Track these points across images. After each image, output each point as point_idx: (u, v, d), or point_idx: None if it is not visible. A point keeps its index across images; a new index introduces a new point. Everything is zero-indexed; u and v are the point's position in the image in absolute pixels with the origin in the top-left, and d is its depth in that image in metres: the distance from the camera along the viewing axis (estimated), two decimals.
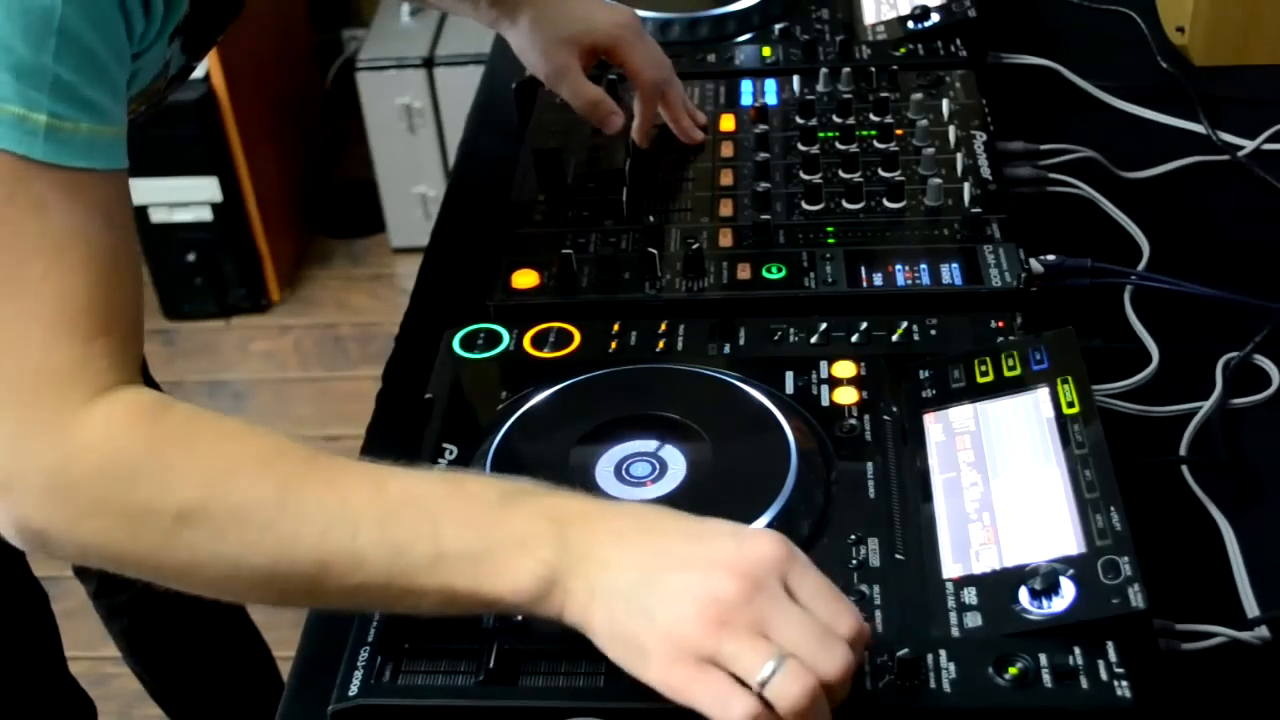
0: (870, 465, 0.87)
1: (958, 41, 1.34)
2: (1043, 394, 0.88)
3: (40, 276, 0.73)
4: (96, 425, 0.73)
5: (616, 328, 1.01)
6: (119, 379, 0.75)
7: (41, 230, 0.73)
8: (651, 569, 0.70)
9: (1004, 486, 0.83)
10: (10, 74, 0.72)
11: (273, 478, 0.73)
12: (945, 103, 1.23)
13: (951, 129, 1.20)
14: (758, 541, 0.71)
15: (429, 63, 2.74)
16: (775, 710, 0.66)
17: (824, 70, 1.28)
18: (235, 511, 0.72)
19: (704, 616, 0.68)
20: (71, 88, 0.74)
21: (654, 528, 0.73)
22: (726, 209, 1.14)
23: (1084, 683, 0.71)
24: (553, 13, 1.20)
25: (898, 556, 0.81)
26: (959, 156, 1.16)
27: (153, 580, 0.76)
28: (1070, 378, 0.88)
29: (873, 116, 1.23)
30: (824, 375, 0.94)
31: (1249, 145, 1.28)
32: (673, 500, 0.84)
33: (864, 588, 0.79)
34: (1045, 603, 0.75)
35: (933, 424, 0.89)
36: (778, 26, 1.39)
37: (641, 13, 1.31)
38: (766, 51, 1.36)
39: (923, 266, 1.04)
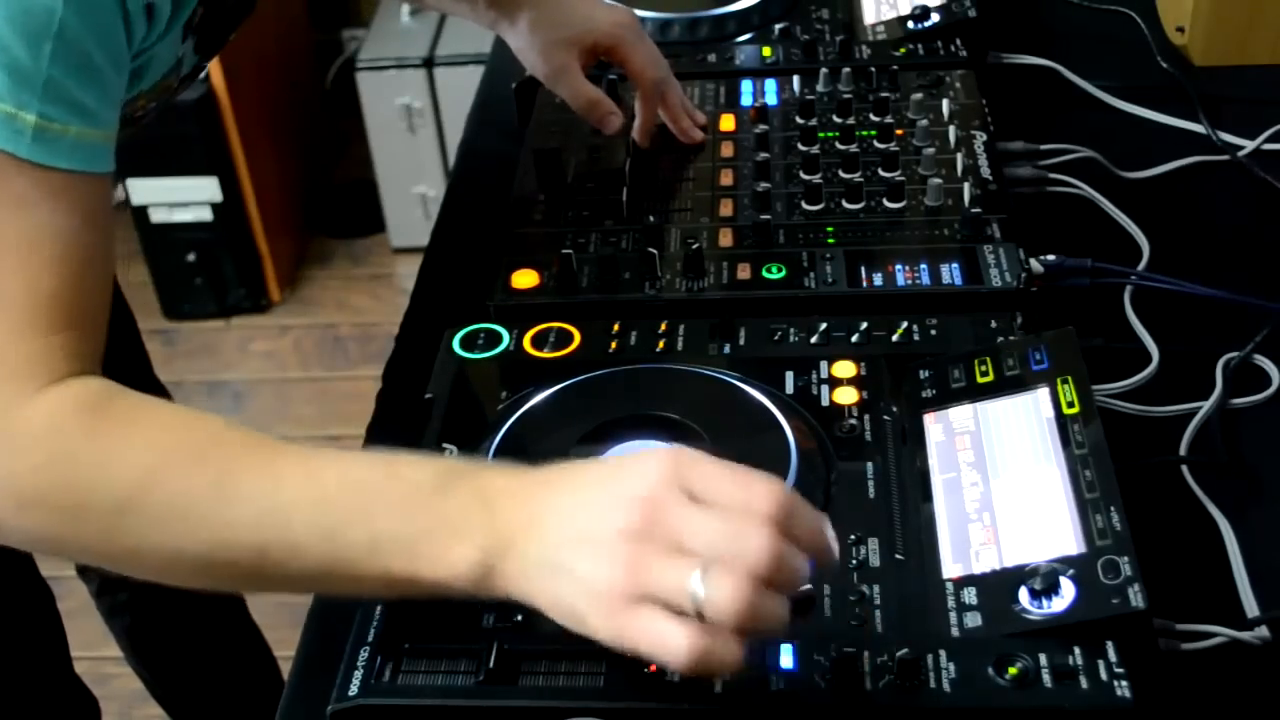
0: (870, 465, 0.87)
1: (958, 41, 1.34)
2: (1043, 394, 0.88)
3: (11, 272, 0.75)
4: (41, 416, 0.74)
5: (616, 328, 1.01)
6: (77, 369, 0.76)
7: (19, 227, 0.75)
8: (567, 530, 0.68)
9: (1004, 486, 0.83)
10: (4, 73, 0.73)
11: (209, 467, 0.73)
12: (945, 103, 1.23)
13: (951, 129, 1.20)
14: (641, 461, 0.69)
15: (429, 63, 2.74)
16: (719, 621, 0.64)
17: (824, 70, 1.28)
18: (171, 502, 0.73)
19: (615, 555, 0.66)
20: (63, 90, 0.75)
21: (564, 487, 0.71)
22: (726, 209, 1.14)
23: (1084, 683, 0.71)
24: (552, 13, 1.20)
25: (898, 556, 0.81)
26: (959, 156, 1.16)
27: (102, 566, 0.78)
28: (1070, 378, 0.88)
29: (873, 116, 1.23)
30: (824, 375, 0.94)
31: (1249, 145, 1.28)
32: None
33: (864, 588, 0.79)
34: (1045, 603, 0.75)
35: (933, 424, 0.89)
36: (778, 26, 1.39)
37: (641, 13, 1.31)
38: (766, 51, 1.36)
39: (923, 266, 1.04)
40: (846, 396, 0.92)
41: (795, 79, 1.29)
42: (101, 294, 0.79)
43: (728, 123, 1.25)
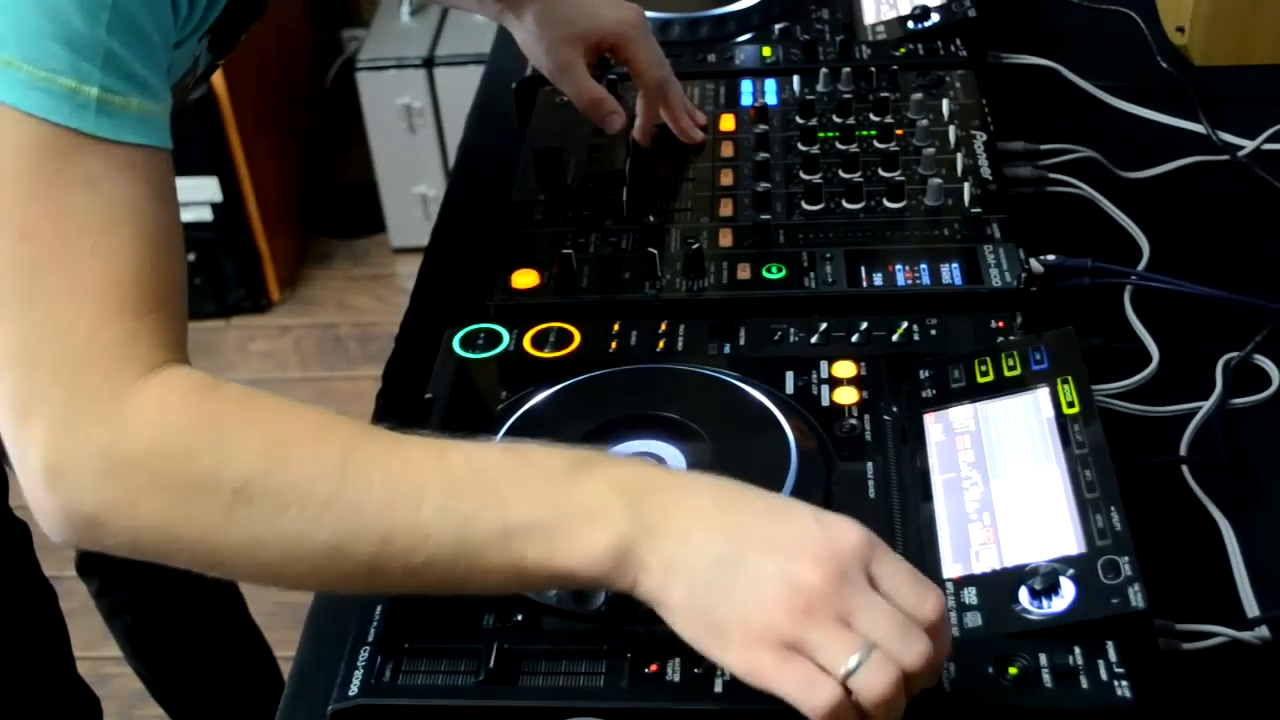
0: (870, 465, 0.87)
1: (958, 41, 1.34)
2: (1043, 394, 0.88)
3: (90, 252, 0.72)
4: (149, 402, 0.71)
5: (616, 328, 1.01)
6: (168, 357, 0.73)
7: (91, 206, 0.72)
8: (733, 548, 0.67)
9: (1004, 486, 0.83)
10: (63, 45, 0.71)
11: (332, 450, 0.71)
12: (945, 103, 1.23)
13: (951, 129, 1.20)
14: (842, 528, 0.69)
15: (429, 63, 2.74)
16: (857, 700, 0.65)
17: (824, 70, 1.28)
18: (295, 484, 0.70)
19: (790, 604, 0.66)
20: (123, 62, 0.73)
21: (732, 503, 0.70)
22: (726, 209, 1.14)
23: (1084, 683, 0.71)
24: (559, 8, 1.20)
25: None
26: (959, 156, 1.16)
27: (209, 568, 0.74)
28: (1070, 378, 0.88)
29: (873, 116, 1.23)
30: (824, 375, 0.94)
31: (1249, 145, 1.28)
32: None
33: None
34: (1045, 603, 0.75)
35: (933, 424, 0.89)
36: (778, 26, 1.39)
37: None
38: (766, 51, 1.36)
39: (923, 266, 1.04)
40: (846, 396, 0.92)
41: (795, 79, 1.29)
42: (180, 275, 0.76)
43: (728, 123, 1.25)
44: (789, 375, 0.94)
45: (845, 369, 0.94)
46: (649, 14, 1.36)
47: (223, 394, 0.74)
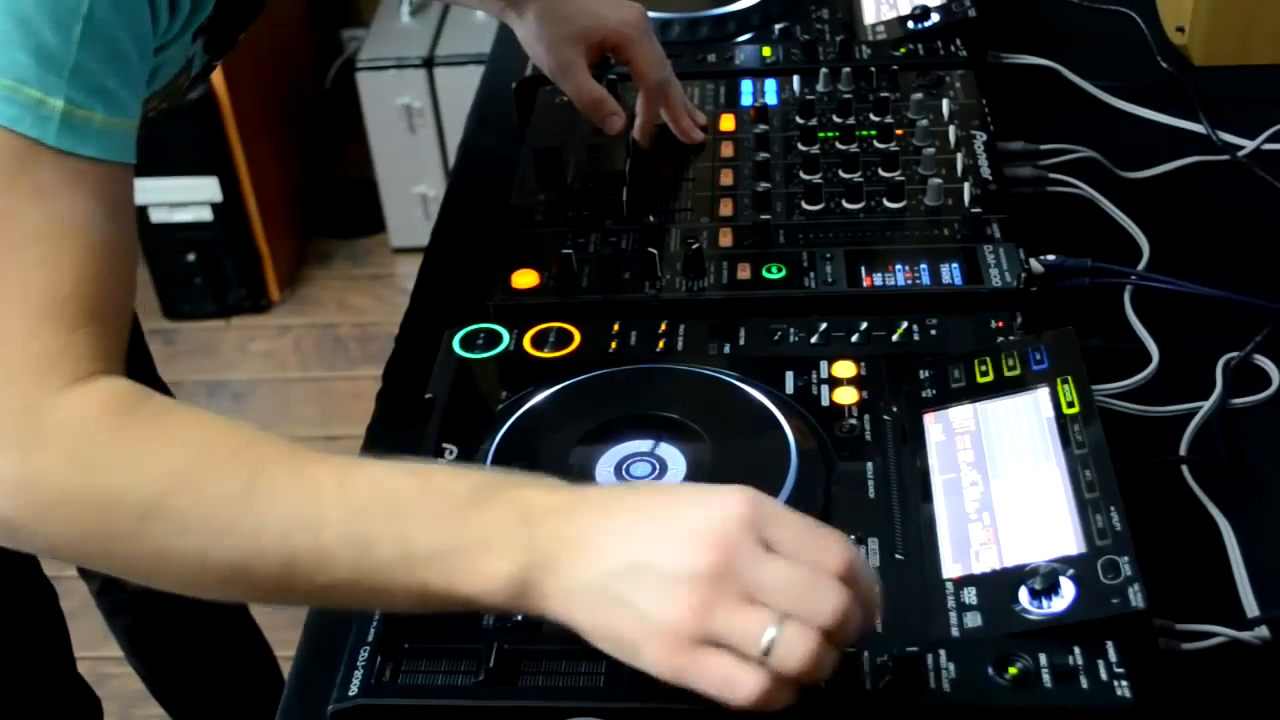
0: (870, 465, 0.87)
1: (958, 41, 1.34)
2: (1043, 394, 0.88)
3: (33, 264, 0.72)
4: (67, 414, 0.72)
5: (616, 328, 1.01)
6: (99, 368, 0.74)
7: (40, 217, 0.73)
8: (624, 557, 0.67)
9: (1004, 486, 0.83)
10: (32, 56, 0.71)
11: (239, 472, 0.71)
12: (945, 103, 1.23)
13: (951, 129, 1.20)
14: (723, 505, 0.67)
15: (429, 63, 2.74)
16: (784, 674, 0.65)
17: (824, 70, 1.28)
18: (200, 505, 0.71)
19: (689, 600, 0.65)
20: (91, 76, 0.73)
21: (619, 514, 0.70)
22: (726, 209, 1.14)
23: (1084, 683, 0.71)
24: (561, 6, 1.19)
25: (898, 556, 0.81)
26: (959, 156, 1.16)
27: (126, 575, 0.75)
28: (1070, 378, 0.88)
29: (873, 116, 1.23)
30: (824, 375, 0.94)
31: (1249, 145, 1.28)
32: None
33: None
34: (1045, 603, 0.75)
35: (933, 424, 0.89)
36: (778, 26, 1.39)
37: None
38: (766, 51, 1.36)
39: (923, 266, 1.04)
40: (846, 396, 0.92)
41: (795, 79, 1.29)
42: (125, 288, 0.77)
43: (728, 123, 1.25)
44: (789, 375, 0.94)
45: (845, 369, 0.94)
46: (651, 14, 1.36)
47: (143, 411, 0.74)
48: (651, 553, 0.67)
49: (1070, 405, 0.86)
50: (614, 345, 0.99)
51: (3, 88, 0.71)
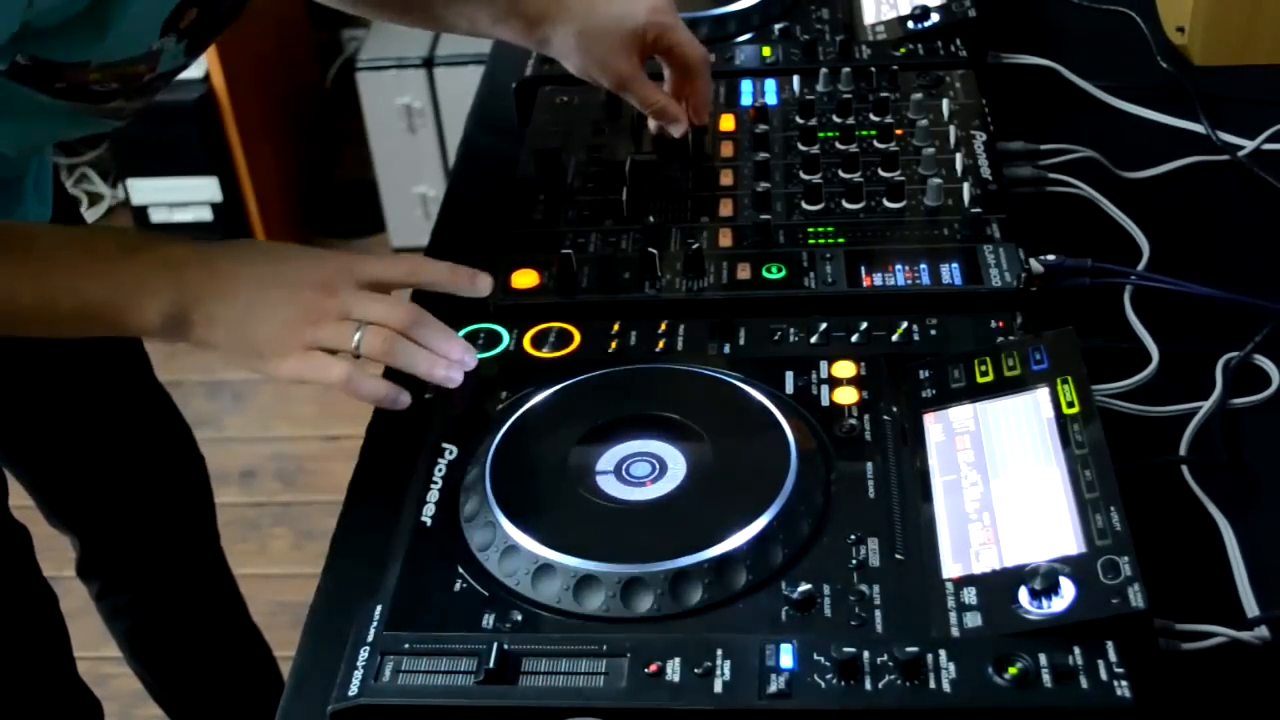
0: (870, 465, 0.87)
1: (958, 41, 1.34)
2: (1043, 394, 0.88)
3: None
4: None
5: (616, 328, 1.01)
6: None
7: None
8: (255, 294, 0.91)
9: (1004, 486, 0.83)
10: None
11: None
12: (945, 103, 1.23)
13: (951, 129, 1.20)
14: (324, 260, 0.95)
15: (429, 63, 2.74)
16: (370, 357, 0.91)
17: (824, 70, 1.28)
18: None
19: (301, 318, 0.91)
20: None
21: (251, 261, 0.93)
22: (726, 209, 1.14)
23: (1084, 683, 0.71)
24: (592, 18, 1.15)
25: (898, 556, 0.81)
26: (959, 156, 1.16)
27: None
28: (1070, 378, 0.88)
29: (873, 116, 1.23)
30: (824, 375, 0.94)
31: (1249, 145, 1.28)
32: (673, 500, 0.84)
33: (864, 588, 0.79)
34: (1045, 603, 0.75)
35: (933, 424, 0.89)
36: (778, 26, 1.39)
37: None
38: (766, 51, 1.36)
39: (923, 266, 1.04)
40: (846, 396, 0.92)
41: (795, 79, 1.29)
42: None
43: (728, 123, 1.25)
44: (789, 375, 0.94)
45: (845, 369, 0.94)
46: None
47: None
48: (277, 287, 0.92)
49: (1070, 405, 0.86)
50: (614, 345, 0.99)
51: None
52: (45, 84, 0.94)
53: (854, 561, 0.80)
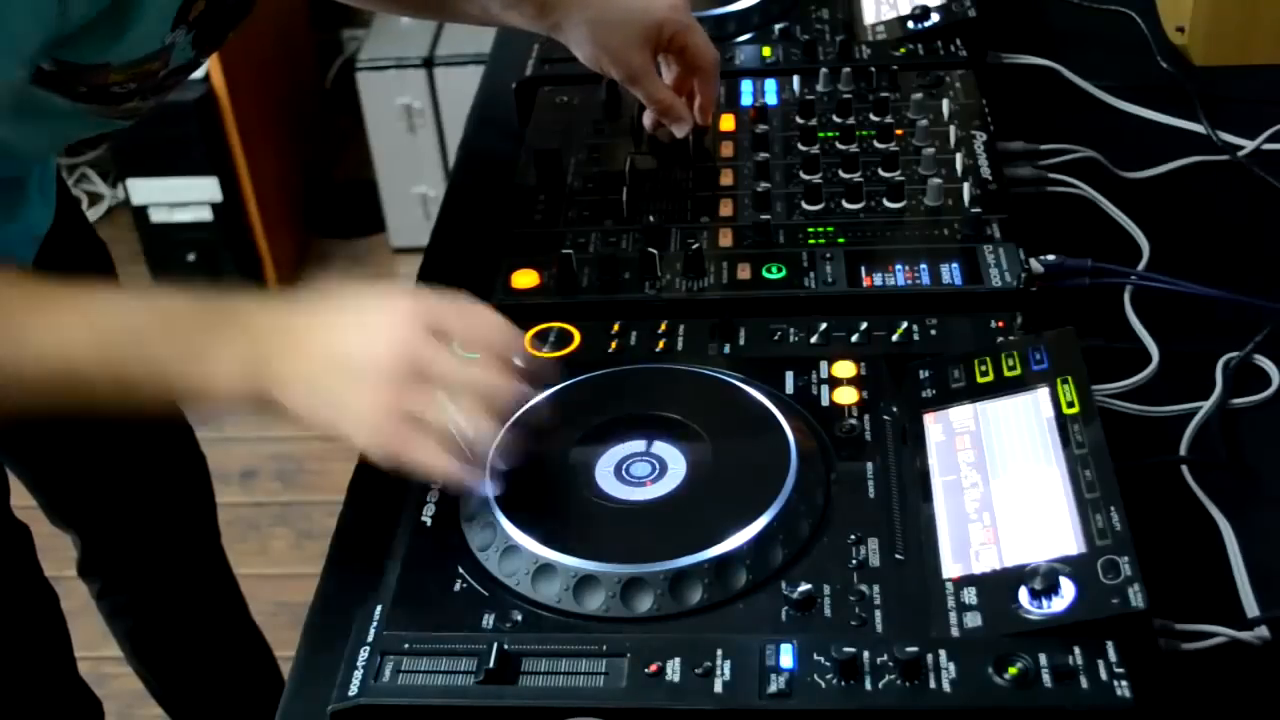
0: (870, 465, 0.87)
1: (958, 41, 1.34)
2: (1043, 394, 0.88)
3: None
4: None
5: (616, 328, 1.01)
6: None
7: None
8: (331, 349, 0.82)
9: (1004, 486, 0.83)
10: None
11: None
12: (945, 103, 1.23)
13: (951, 129, 1.20)
14: (391, 302, 0.84)
15: (429, 63, 2.74)
16: (465, 435, 0.80)
17: (824, 70, 1.28)
18: None
19: (380, 380, 0.80)
20: None
21: (325, 311, 0.85)
22: (726, 209, 1.14)
23: (1084, 683, 0.71)
24: (608, 11, 1.15)
25: (898, 556, 0.81)
26: (959, 156, 1.16)
27: None
28: (1070, 378, 0.88)
29: (873, 116, 1.23)
30: (824, 375, 0.94)
31: (1249, 145, 1.28)
32: (673, 500, 0.84)
33: (864, 588, 0.79)
34: (1045, 603, 0.75)
35: (933, 424, 0.89)
36: (778, 26, 1.39)
37: None
38: (766, 51, 1.36)
39: (923, 266, 1.04)
40: (846, 396, 0.92)
41: (795, 79, 1.29)
42: None
43: (728, 123, 1.25)
44: (789, 375, 0.94)
45: (845, 369, 0.94)
46: None
47: None
48: (348, 348, 0.82)
49: (1070, 405, 0.86)
50: (614, 345, 0.99)
51: None
52: (68, 89, 0.93)
53: (854, 561, 0.80)
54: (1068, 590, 0.75)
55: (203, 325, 0.84)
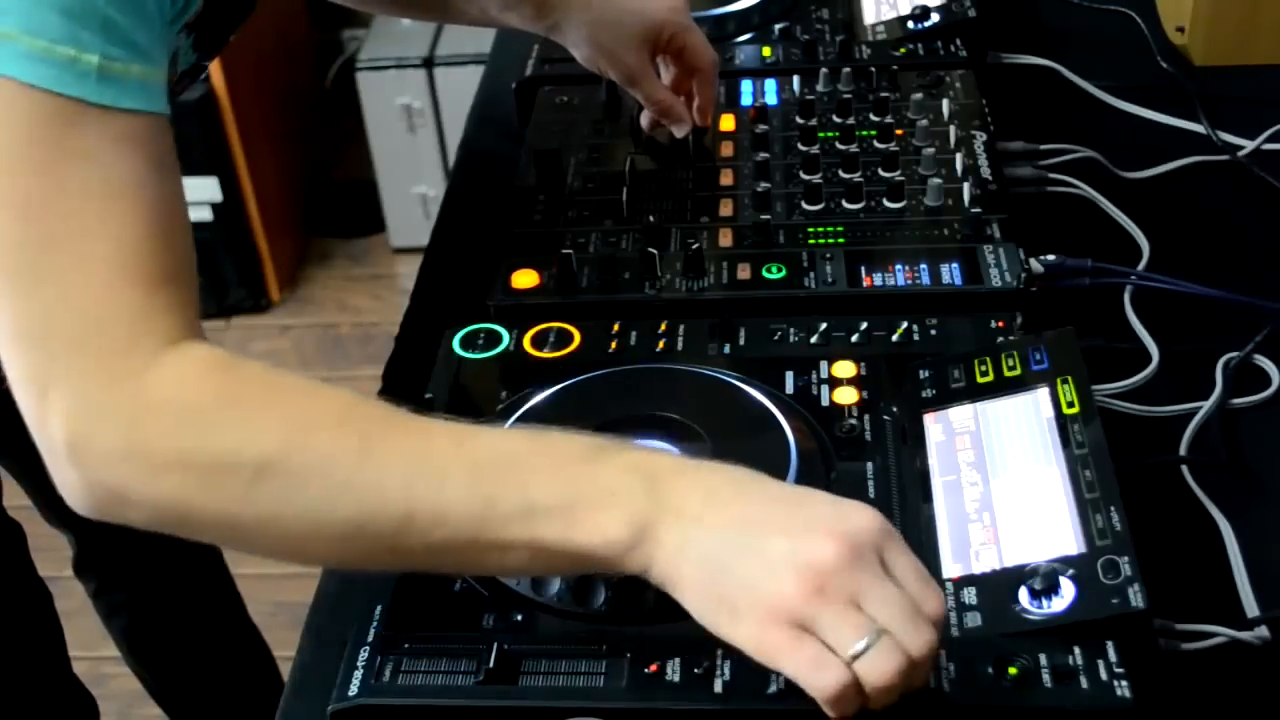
0: (870, 465, 0.87)
1: (958, 41, 1.34)
2: (1043, 394, 0.88)
3: (95, 224, 0.71)
4: (169, 378, 0.71)
5: (616, 328, 1.01)
6: (184, 333, 0.73)
7: (92, 177, 0.71)
8: (748, 529, 0.68)
9: (1004, 486, 0.83)
10: (61, 14, 0.70)
11: (354, 429, 0.71)
12: (945, 103, 1.23)
13: (951, 129, 1.20)
14: (858, 511, 0.70)
15: (429, 63, 2.74)
16: (864, 684, 0.66)
17: (824, 70, 1.28)
18: (317, 462, 0.70)
19: (802, 583, 0.66)
20: (122, 29, 0.72)
21: (748, 487, 0.71)
22: (726, 209, 1.14)
23: (1084, 683, 0.71)
24: (607, 11, 1.15)
25: None
26: (959, 156, 1.16)
27: (229, 543, 0.74)
28: (1070, 378, 0.88)
29: (873, 116, 1.23)
30: (824, 375, 0.94)
31: (1249, 145, 1.28)
32: None
33: None
34: (1045, 603, 0.75)
35: (933, 424, 0.89)
36: (778, 26, 1.39)
37: None
38: (766, 51, 1.36)
39: (923, 266, 1.04)
40: (846, 396, 0.92)
41: (795, 79, 1.29)
42: (186, 244, 0.76)
43: (728, 123, 1.25)
44: (789, 375, 0.94)
45: (845, 369, 0.94)
46: None
47: (243, 371, 0.73)
48: (778, 533, 0.68)
49: (1070, 405, 0.86)
50: (614, 345, 0.99)
51: (35, 49, 0.70)
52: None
53: None
54: (1068, 590, 0.75)
55: (593, 463, 0.71)
